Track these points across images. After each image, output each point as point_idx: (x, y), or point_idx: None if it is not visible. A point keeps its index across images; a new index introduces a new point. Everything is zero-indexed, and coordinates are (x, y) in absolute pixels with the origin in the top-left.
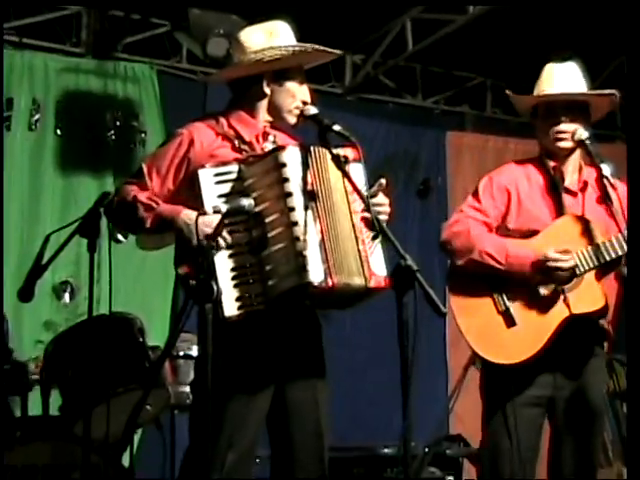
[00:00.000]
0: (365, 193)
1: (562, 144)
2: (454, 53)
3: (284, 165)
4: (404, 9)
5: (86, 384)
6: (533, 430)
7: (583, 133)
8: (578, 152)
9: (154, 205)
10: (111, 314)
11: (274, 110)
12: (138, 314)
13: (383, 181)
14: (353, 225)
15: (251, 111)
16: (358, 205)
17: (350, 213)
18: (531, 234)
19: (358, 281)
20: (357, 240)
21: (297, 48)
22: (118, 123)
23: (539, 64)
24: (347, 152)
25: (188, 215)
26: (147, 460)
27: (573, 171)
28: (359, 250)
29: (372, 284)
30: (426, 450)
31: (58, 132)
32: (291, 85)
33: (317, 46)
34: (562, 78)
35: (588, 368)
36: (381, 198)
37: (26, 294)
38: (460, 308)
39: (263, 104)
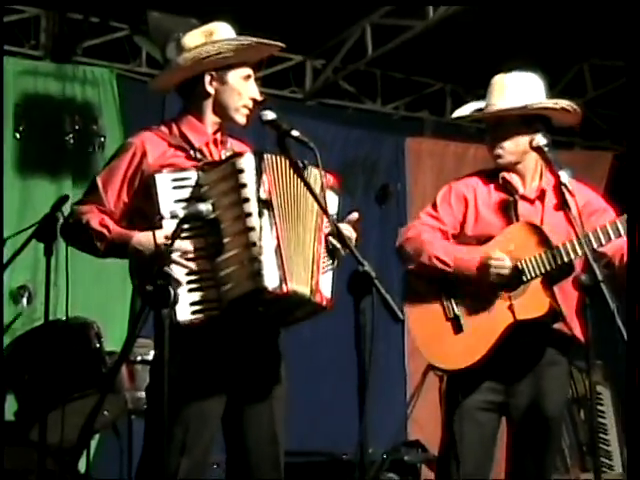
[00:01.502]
0: (331, 216)
1: (498, 161)
2: (414, 59)
3: (241, 171)
4: (364, 14)
5: (42, 389)
6: (484, 434)
7: (541, 140)
8: (530, 160)
9: (105, 233)
10: (67, 319)
11: (220, 110)
12: (96, 319)
13: (355, 215)
14: (314, 237)
15: (199, 115)
16: (324, 222)
17: (315, 226)
18: (487, 241)
19: (305, 291)
20: (314, 253)
21: (234, 42)
22: (77, 127)
23: (498, 69)
24: (329, 178)
25: (139, 240)
26: (104, 466)
27: (531, 179)
28: (313, 262)
29: (316, 298)
30: (384, 456)
31: (16, 135)
32: (235, 82)
33: (255, 39)
34: (498, 93)
35: (546, 375)
36: (347, 227)
37: None
38: (412, 314)
39: (209, 105)
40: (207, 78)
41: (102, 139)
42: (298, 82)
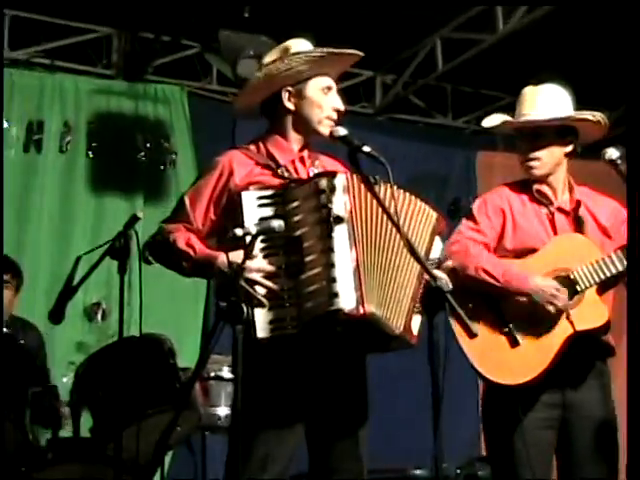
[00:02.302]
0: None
1: (531, 172)
2: (484, 72)
3: (323, 191)
4: (434, 29)
5: (117, 405)
6: (545, 454)
7: (614, 153)
8: (563, 172)
9: (191, 253)
10: (141, 335)
11: (303, 125)
12: (169, 335)
13: (450, 263)
14: (407, 267)
15: (283, 132)
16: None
17: (404, 255)
18: (528, 252)
19: (392, 322)
20: (416, 290)
21: (306, 55)
22: (148, 145)
23: (566, 81)
24: (440, 223)
25: (222, 261)
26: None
27: (563, 191)
28: (413, 299)
29: (408, 336)
30: (458, 471)
31: (89, 154)
32: (314, 95)
33: (327, 49)
34: (531, 104)
35: (598, 385)
36: (441, 274)
37: (57, 316)
38: (461, 329)
39: (290, 121)
40: (285, 94)
41: (174, 156)
42: (368, 97)
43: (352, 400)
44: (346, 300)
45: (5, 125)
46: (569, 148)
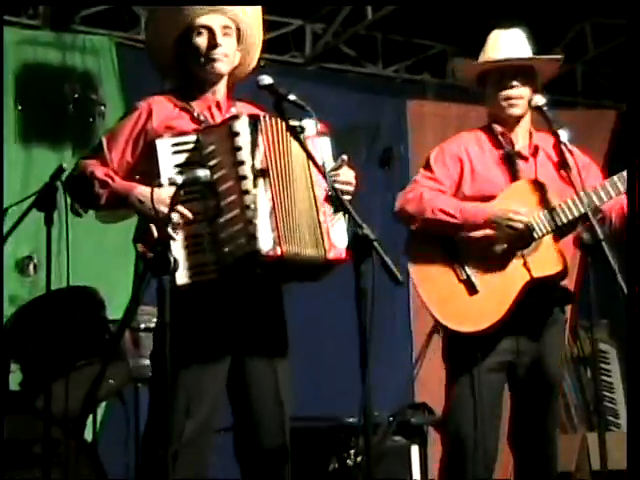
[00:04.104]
0: (326, 166)
1: (512, 110)
2: (414, 21)
3: (237, 134)
4: None
5: (46, 358)
6: (496, 396)
7: (540, 99)
8: (527, 117)
9: (109, 182)
10: (70, 287)
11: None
12: (100, 287)
13: (345, 156)
14: (314, 197)
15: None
16: (320, 177)
17: (312, 185)
18: (487, 199)
19: (312, 252)
20: (317, 212)
21: None
22: (77, 96)
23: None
24: (317, 125)
25: (141, 192)
26: (111, 433)
27: (524, 136)
28: (319, 222)
29: (331, 255)
30: (390, 419)
31: (18, 106)
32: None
33: None
34: (509, 44)
35: (547, 333)
36: (345, 172)
37: None
38: (421, 277)
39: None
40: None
41: (102, 108)
42: (298, 46)
43: (272, 338)
44: (263, 241)
45: None
46: (535, 96)
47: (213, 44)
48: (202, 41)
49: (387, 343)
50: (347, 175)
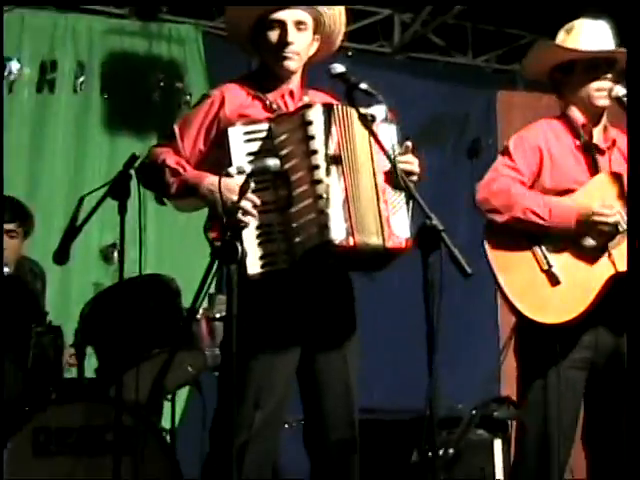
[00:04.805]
0: (393, 153)
1: (603, 101)
2: (504, 10)
3: (310, 123)
4: None
5: (121, 346)
6: (577, 395)
7: (621, 90)
8: (606, 110)
9: (181, 171)
10: (147, 275)
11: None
12: (183, 276)
13: (409, 143)
14: (375, 184)
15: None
16: (383, 164)
17: (373, 172)
18: (567, 192)
19: (376, 241)
20: (378, 200)
21: None
22: (163, 85)
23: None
24: (382, 111)
25: (211, 181)
26: (192, 421)
27: (601, 129)
28: (379, 209)
29: (390, 244)
30: (473, 412)
31: (103, 94)
32: (270, 34)
33: None
34: (601, 34)
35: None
36: (409, 158)
37: (61, 256)
38: (500, 266)
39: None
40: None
41: (188, 97)
42: (386, 36)
43: (343, 329)
44: (336, 231)
45: (17, 65)
46: (616, 86)
47: (285, 41)
48: (274, 36)
49: (473, 336)
50: (411, 162)
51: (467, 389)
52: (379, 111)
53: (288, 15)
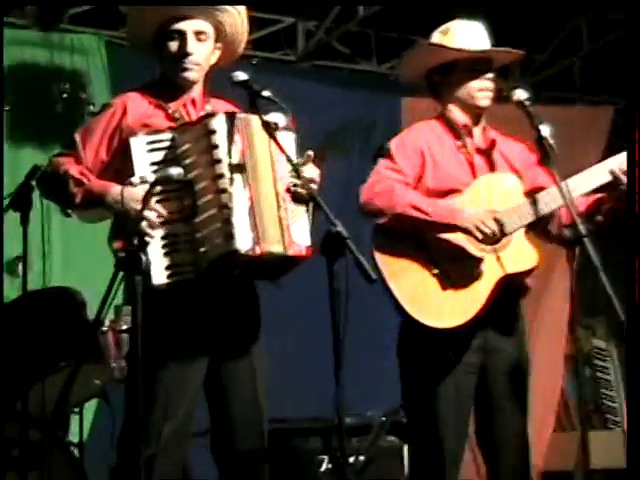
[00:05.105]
0: (294, 161)
1: (485, 102)
2: (408, 17)
3: (213, 132)
4: None
5: (25, 359)
6: (470, 400)
7: (522, 94)
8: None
9: (85, 181)
10: (50, 288)
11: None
12: (89, 288)
13: (311, 152)
14: (276, 192)
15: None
16: (284, 173)
17: (274, 180)
18: (450, 193)
19: (278, 249)
20: (279, 208)
21: None
22: (66, 95)
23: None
24: (280, 119)
25: (117, 191)
26: (101, 433)
27: (481, 130)
28: (279, 217)
29: (290, 252)
30: (383, 419)
31: (6, 107)
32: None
33: None
34: (477, 35)
35: (518, 330)
36: (309, 169)
37: None
38: (390, 271)
39: None
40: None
41: (92, 107)
42: (290, 44)
43: (249, 338)
44: (242, 241)
45: None
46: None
47: (184, 52)
48: (174, 46)
49: (382, 342)
50: (312, 172)
51: (375, 397)
52: (279, 118)
53: (188, 25)
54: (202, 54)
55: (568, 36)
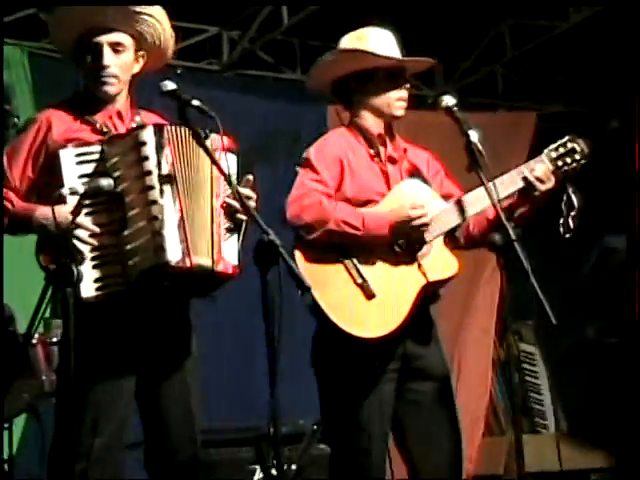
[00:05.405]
0: (232, 179)
1: (400, 112)
2: (331, 25)
3: (143, 144)
4: None
5: None
6: (390, 406)
7: (450, 100)
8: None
9: (9, 206)
10: None
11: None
12: (15, 302)
13: (250, 177)
14: (212, 206)
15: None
16: (223, 189)
17: (211, 194)
18: (367, 203)
19: (207, 262)
20: (212, 222)
21: None
22: None
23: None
24: (223, 140)
25: (43, 213)
26: (30, 448)
27: (393, 139)
28: (212, 232)
29: (219, 268)
30: (315, 427)
31: None
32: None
33: None
34: (392, 43)
35: (433, 336)
36: (248, 191)
37: None
38: (314, 279)
39: None
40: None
41: (15, 119)
42: (215, 54)
43: (180, 350)
44: (172, 253)
45: None
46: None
47: (100, 65)
48: (90, 59)
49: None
50: (249, 193)
51: (308, 405)
52: (217, 141)
53: (103, 38)
54: (120, 66)
55: (491, 43)
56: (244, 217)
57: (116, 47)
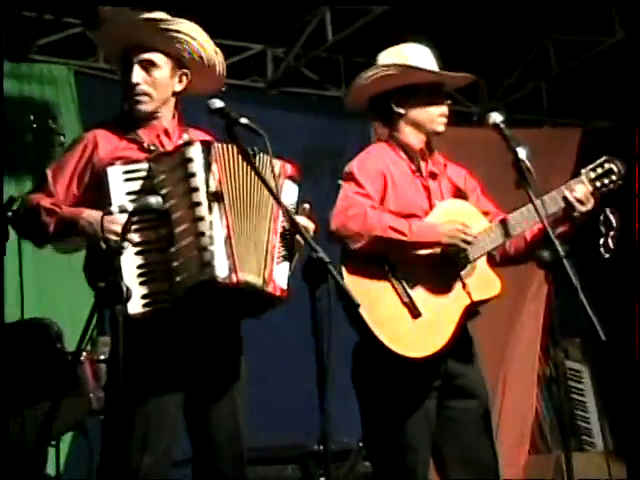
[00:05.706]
0: (289, 207)
1: (442, 127)
2: (375, 42)
3: (190, 160)
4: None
5: (3, 392)
6: (432, 424)
7: (497, 117)
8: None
9: (57, 209)
10: (24, 320)
11: None
12: (65, 319)
13: (307, 206)
14: (269, 229)
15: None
16: (280, 212)
17: (270, 215)
18: (410, 218)
19: (256, 280)
20: (268, 243)
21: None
22: (35, 126)
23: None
24: (287, 168)
25: (91, 215)
26: (76, 466)
27: (431, 154)
28: (266, 252)
29: (269, 289)
30: (360, 444)
31: None
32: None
33: None
34: (432, 59)
35: (473, 354)
36: (304, 220)
37: None
38: (361, 297)
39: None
40: None
41: (62, 137)
42: (259, 71)
43: (229, 367)
44: (219, 269)
45: None
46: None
47: (129, 82)
48: (122, 78)
49: None
50: (306, 222)
51: (352, 423)
52: (289, 168)
53: (133, 56)
54: (151, 83)
55: (535, 58)
56: (298, 246)
57: (147, 65)
